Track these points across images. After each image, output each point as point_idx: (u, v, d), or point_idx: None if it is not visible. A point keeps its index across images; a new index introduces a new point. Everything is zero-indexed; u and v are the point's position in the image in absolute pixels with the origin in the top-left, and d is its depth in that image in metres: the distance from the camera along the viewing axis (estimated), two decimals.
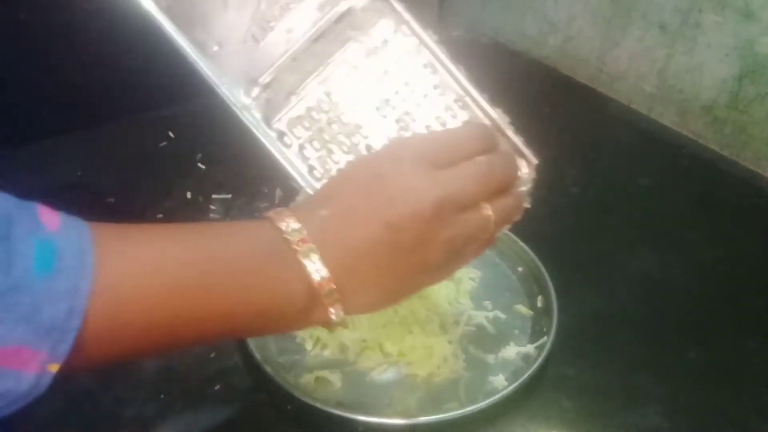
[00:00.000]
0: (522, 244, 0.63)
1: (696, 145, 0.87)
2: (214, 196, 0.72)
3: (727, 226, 0.73)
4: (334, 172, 0.43)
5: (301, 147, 0.44)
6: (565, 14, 1.01)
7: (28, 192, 0.32)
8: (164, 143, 0.80)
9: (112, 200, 0.71)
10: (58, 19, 0.75)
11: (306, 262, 0.36)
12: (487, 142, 0.42)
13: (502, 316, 0.59)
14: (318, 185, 0.43)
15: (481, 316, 0.58)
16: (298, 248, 0.36)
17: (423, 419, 0.49)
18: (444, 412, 0.49)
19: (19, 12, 0.73)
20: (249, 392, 0.51)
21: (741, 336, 0.59)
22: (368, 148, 0.44)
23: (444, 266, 0.40)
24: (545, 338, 0.54)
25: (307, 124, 0.44)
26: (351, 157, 0.43)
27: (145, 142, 0.80)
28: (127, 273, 0.32)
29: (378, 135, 0.44)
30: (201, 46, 0.43)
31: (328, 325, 0.38)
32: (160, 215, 0.69)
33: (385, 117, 0.44)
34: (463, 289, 0.60)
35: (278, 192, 0.73)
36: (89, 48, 0.77)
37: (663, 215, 0.74)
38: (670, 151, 0.86)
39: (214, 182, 0.74)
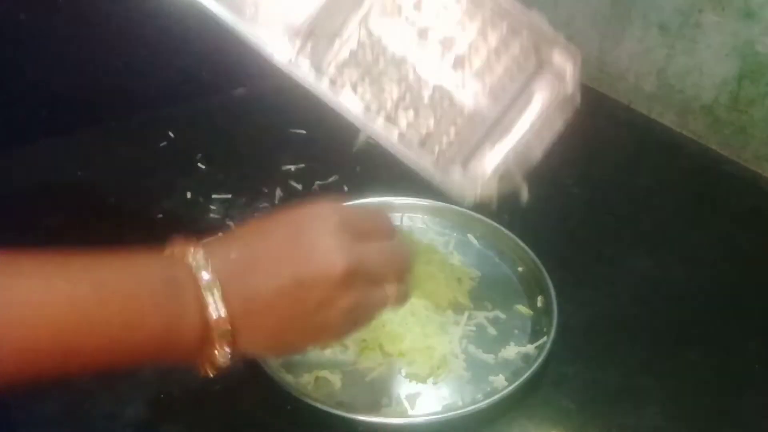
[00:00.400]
0: (522, 244, 0.63)
1: (696, 145, 0.87)
2: (214, 196, 0.72)
3: (727, 226, 0.73)
4: (389, 106, 0.44)
5: (354, 86, 0.44)
6: (565, 14, 1.01)
7: (28, 192, 0.32)
8: (164, 143, 0.80)
9: (112, 200, 0.71)
10: (58, 20, 0.75)
11: (207, 297, 0.36)
12: (394, 228, 0.44)
13: (502, 316, 0.59)
14: (376, 124, 0.44)
15: (481, 316, 0.58)
16: (200, 283, 0.36)
17: (423, 419, 0.50)
18: (444, 412, 0.50)
19: (19, 12, 0.73)
20: (249, 392, 0.51)
21: (741, 336, 0.59)
22: (416, 76, 0.44)
23: (339, 330, 0.41)
24: (545, 338, 0.54)
25: (355, 64, 0.44)
26: (403, 88, 0.44)
27: (145, 142, 0.80)
28: (12, 310, 0.32)
29: (424, 60, 0.44)
30: (239, 12, 0.43)
31: (213, 365, 0.38)
32: (160, 215, 0.69)
33: (427, 41, 0.44)
34: (463, 289, 0.60)
35: (278, 192, 0.73)
36: (90, 48, 0.77)
37: (663, 215, 0.74)
38: (670, 151, 0.86)
39: (214, 182, 0.74)
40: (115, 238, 0.44)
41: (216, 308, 0.36)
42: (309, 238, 0.39)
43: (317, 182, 0.74)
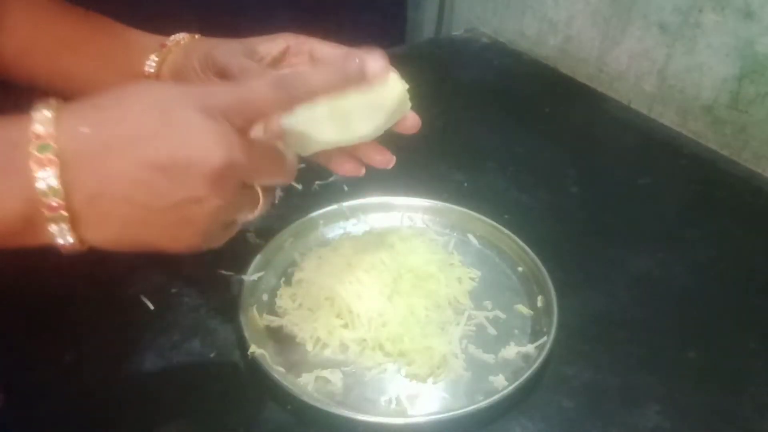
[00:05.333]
0: (522, 244, 0.63)
1: (696, 145, 0.87)
2: None
3: (727, 226, 0.73)
4: None
5: None
6: (565, 14, 1.01)
7: None
8: None
9: None
10: None
11: (36, 170, 0.32)
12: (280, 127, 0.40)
13: (502, 316, 0.59)
14: None
15: (481, 316, 0.58)
16: (33, 152, 0.32)
17: (423, 419, 0.50)
18: (444, 412, 0.50)
19: None
20: (249, 392, 0.51)
21: (741, 336, 0.59)
22: None
23: (199, 236, 0.37)
24: (545, 338, 0.54)
25: None
26: None
27: None
28: None
29: None
30: None
31: (59, 246, 0.34)
32: None
33: None
34: (463, 289, 0.60)
35: (278, 192, 0.73)
36: None
37: (663, 215, 0.74)
38: (670, 151, 0.86)
39: None
40: None
41: (47, 185, 0.32)
42: (184, 117, 0.34)
43: (317, 182, 0.74)
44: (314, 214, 0.67)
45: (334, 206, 0.67)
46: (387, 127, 0.48)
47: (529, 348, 0.55)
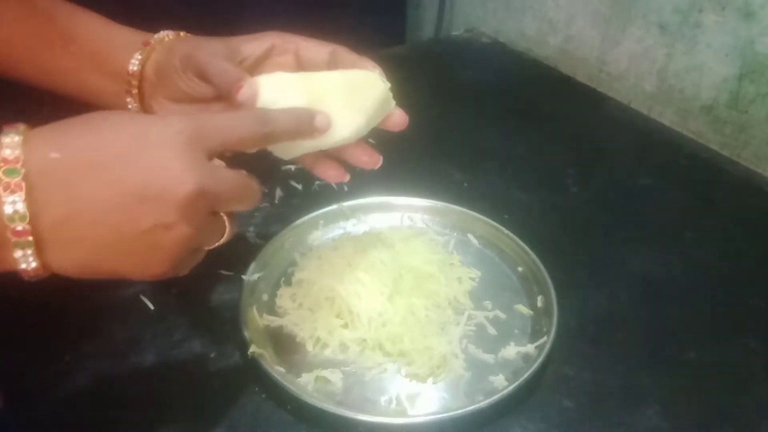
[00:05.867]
0: (522, 244, 0.63)
1: (696, 145, 0.87)
2: None
3: (727, 225, 0.73)
4: None
5: None
6: (565, 14, 1.01)
7: None
8: None
9: None
10: None
11: (3, 194, 0.31)
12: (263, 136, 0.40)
13: (502, 316, 0.59)
14: None
15: (481, 316, 0.58)
16: (0, 175, 0.32)
17: (423, 419, 0.49)
18: (444, 412, 0.50)
19: None
20: (249, 392, 0.51)
21: (741, 336, 0.59)
22: None
23: (168, 263, 0.36)
24: (545, 338, 0.54)
25: None
26: None
27: None
28: None
29: None
30: None
31: (21, 272, 0.34)
32: None
33: None
34: (463, 289, 0.60)
35: (278, 192, 0.73)
36: None
37: (663, 215, 0.74)
38: (670, 151, 0.86)
39: None
40: None
41: (13, 210, 0.32)
42: (157, 143, 0.34)
43: (317, 182, 0.74)
44: (314, 214, 0.66)
45: (334, 206, 0.67)
46: (370, 127, 0.48)
47: (529, 348, 0.55)
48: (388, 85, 0.47)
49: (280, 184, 0.73)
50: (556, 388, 0.53)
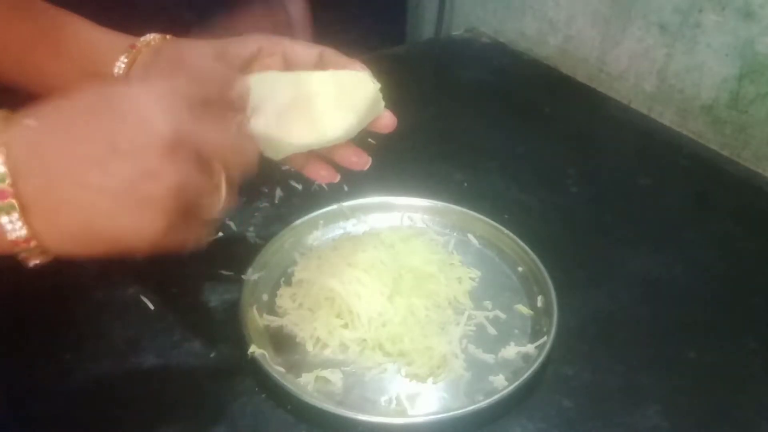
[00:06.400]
0: (522, 244, 0.63)
1: (696, 145, 0.87)
2: None
3: (727, 225, 0.73)
4: None
5: None
6: (565, 14, 1.01)
7: None
8: None
9: None
10: None
11: None
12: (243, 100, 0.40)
13: (502, 315, 0.59)
14: None
15: (481, 316, 0.58)
16: None
17: (423, 419, 0.49)
18: (444, 412, 0.50)
19: None
20: (249, 392, 0.51)
21: (741, 336, 0.59)
22: None
23: (161, 220, 0.35)
24: (545, 338, 0.54)
25: None
26: None
27: None
28: None
29: None
30: None
31: (14, 245, 0.33)
32: None
33: None
34: (463, 289, 0.60)
35: (278, 192, 0.73)
36: None
37: (663, 215, 0.74)
38: (670, 151, 0.86)
39: None
40: None
41: None
42: (124, 100, 0.34)
43: (317, 182, 0.74)
44: (314, 214, 0.66)
45: (334, 206, 0.67)
46: (360, 128, 0.48)
47: (529, 348, 0.55)
48: (378, 85, 0.47)
49: (280, 184, 0.73)
50: (556, 388, 0.53)
